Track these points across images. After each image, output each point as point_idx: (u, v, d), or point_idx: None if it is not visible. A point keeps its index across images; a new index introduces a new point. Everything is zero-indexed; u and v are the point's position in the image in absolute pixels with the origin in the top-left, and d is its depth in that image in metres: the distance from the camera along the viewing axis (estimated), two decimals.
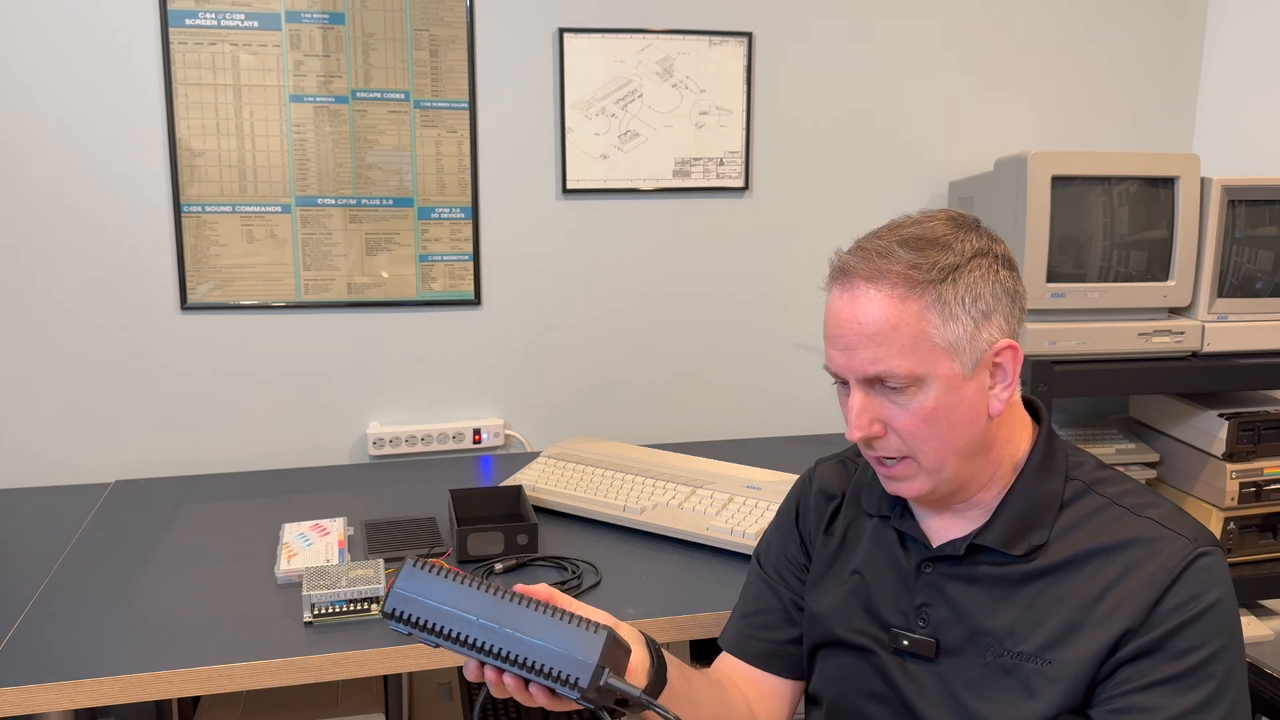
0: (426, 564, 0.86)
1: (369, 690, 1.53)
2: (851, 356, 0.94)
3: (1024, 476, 0.99)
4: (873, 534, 1.08)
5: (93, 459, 1.93)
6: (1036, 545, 0.97)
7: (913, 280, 0.92)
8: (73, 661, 1.22)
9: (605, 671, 0.81)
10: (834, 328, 0.97)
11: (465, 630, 0.83)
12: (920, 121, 2.19)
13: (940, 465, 0.96)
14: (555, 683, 0.81)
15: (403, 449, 2.03)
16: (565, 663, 0.81)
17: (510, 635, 0.82)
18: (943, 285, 0.92)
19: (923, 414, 0.93)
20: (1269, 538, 1.92)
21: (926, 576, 1.02)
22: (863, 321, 0.93)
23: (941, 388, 0.93)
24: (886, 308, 0.93)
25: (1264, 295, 1.86)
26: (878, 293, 0.93)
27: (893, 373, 0.93)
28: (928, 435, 0.94)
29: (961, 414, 0.94)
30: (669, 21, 2.03)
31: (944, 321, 0.92)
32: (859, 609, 1.06)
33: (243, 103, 1.88)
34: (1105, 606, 0.92)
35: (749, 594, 1.18)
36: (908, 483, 0.98)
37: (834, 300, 0.97)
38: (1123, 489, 0.99)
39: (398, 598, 0.84)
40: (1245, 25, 2.20)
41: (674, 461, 1.81)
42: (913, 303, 0.92)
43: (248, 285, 1.94)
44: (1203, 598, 0.90)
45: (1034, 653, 0.94)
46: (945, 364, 0.93)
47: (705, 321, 2.17)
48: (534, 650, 0.82)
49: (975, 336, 0.93)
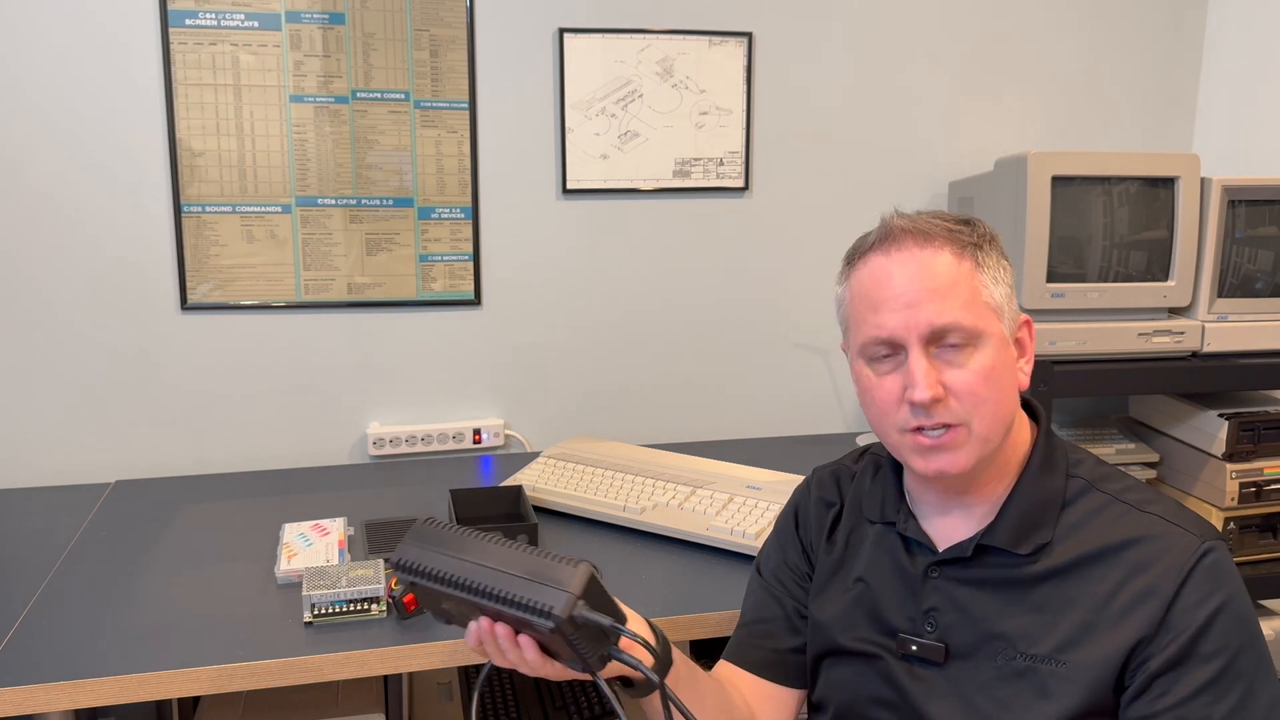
0: (434, 521, 0.89)
1: (369, 690, 1.53)
2: (915, 312, 0.93)
3: (1027, 475, 0.99)
4: (876, 540, 1.07)
5: (93, 459, 1.93)
6: (1042, 544, 0.96)
7: (961, 242, 0.95)
8: (73, 661, 1.22)
9: (580, 602, 0.81)
10: (889, 288, 0.95)
11: (456, 572, 0.85)
12: (920, 121, 2.19)
13: (990, 433, 0.95)
14: (532, 614, 0.81)
15: (403, 449, 2.03)
16: (542, 593, 0.82)
17: (493, 572, 0.84)
18: (980, 251, 0.96)
19: (983, 372, 0.93)
20: (1269, 538, 1.92)
21: (934, 581, 1.01)
22: (926, 277, 0.93)
23: (995, 347, 0.94)
24: (944, 262, 0.94)
25: (1264, 295, 1.86)
26: (933, 249, 0.95)
27: (959, 324, 0.93)
28: (987, 396, 0.93)
29: (1009, 380, 0.96)
30: (669, 21, 2.03)
31: (992, 282, 0.96)
32: (864, 616, 1.05)
33: (243, 103, 1.88)
34: (1118, 606, 0.92)
35: (750, 603, 1.18)
36: (954, 453, 0.95)
37: (882, 264, 0.96)
38: (1124, 485, 1.00)
39: (405, 548, 0.88)
40: (1245, 25, 2.20)
41: (674, 461, 1.81)
42: (966, 261, 0.95)
43: (248, 285, 1.94)
44: (1215, 596, 0.90)
45: (1048, 654, 0.94)
46: (995, 324, 0.95)
47: (705, 321, 2.17)
48: (511, 584, 0.83)
49: (1011, 302, 0.98)
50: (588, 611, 0.82)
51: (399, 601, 1.32)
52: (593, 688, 1.74)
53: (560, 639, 0.83)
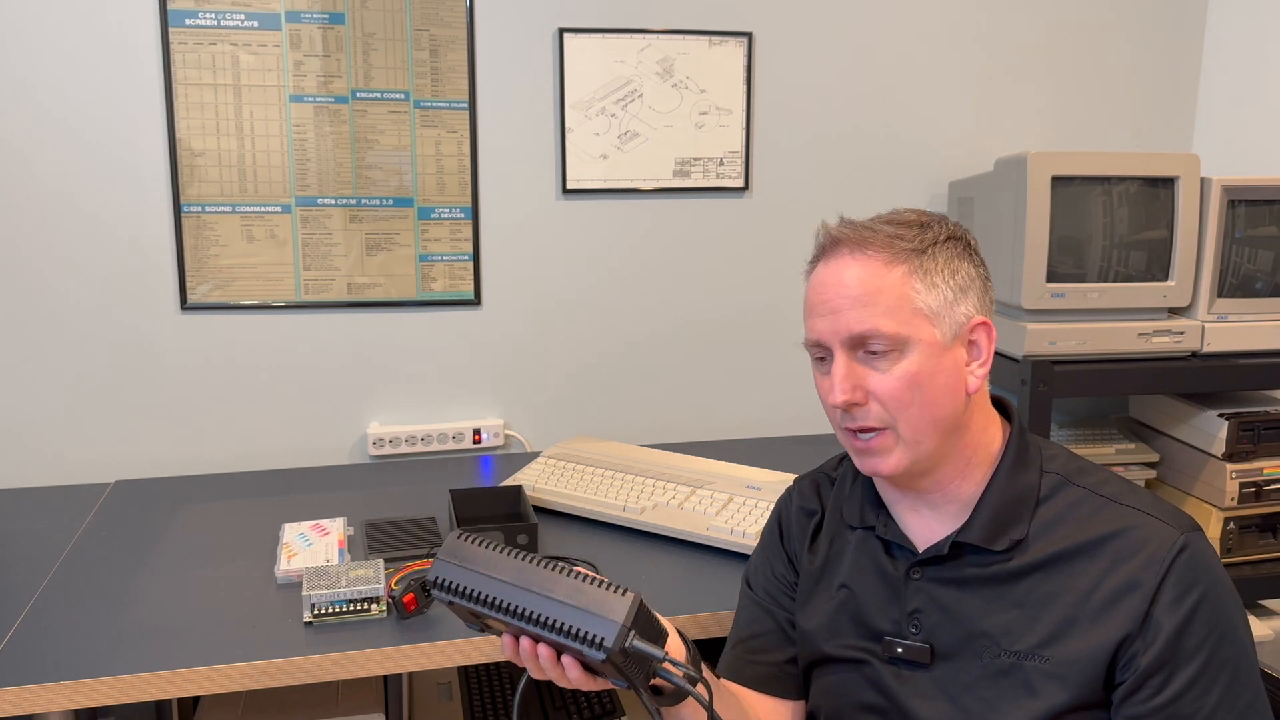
0: (466, 535, 0.88)
1: (369, 690, 1.53)
2: (837, 319, 0.96)
3: (1000, 471, 1.00)
4: (857, 546, 1.08)
5: (93, 459, 1.93)
6: (1017, 540, 0.97)
7: (896, 248, 0.96)
8: (73, 661, 1.22)
9: (631, 633, 0.81)
10: (818, 295, 0.98)
11: (497, 594, 0.84)
12: (920, 121, 2.19)
13: (918, 436, 0.96)
14: (581, 644, 0.81)
15: (403, 449, 2.03)
16: (591, 622, 0.81)
17: (538, 597, 0.83)
18: (923, 256, 0.97)
19: (905, 379, 0.95)
20: (1269, 538, 1.92)
21: (916, 583, 1.02)
22: (849, 284, 0.96)
23: (923, 353, 0.95)
24: (872, 271, 0.96)
25: (1264, 295, 1.86)
26: (864, 257, 0.96)
27: (879, 331, 0.94)
28: (910, 401, 0.95)
29: (941, 384, 0.96)
30: (669, 21, 2.03)
31: (925, 288, 0.96)
32: (848, 622, 1.06)
33: (243, 103, 1.88)
34: (1098, 600, 0.93)
35: (742, 619, 1.17)
36: (884, 457, 0.98)
37: (819, 272, 1.00)
38: (1099, 478, 1.00)
39: (441, 565, 0.86)
40: (1245, 25, 2.20)
41: (674, 461, 1.81)
42: (897, 267, 0.96)
43: (248, 285, 1.94)
44: (1195, 589, 0.91)
45: (1031, 650, 0.95)
46: (927, 329, 0.95)
47: (705, 321, 2.17)
48: (561, 611, 0.82)
49: (954, 307, 0.97)
50: (639, 642, 0.81)
51: (399, 601, 1.32)
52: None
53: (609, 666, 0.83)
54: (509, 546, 0.87)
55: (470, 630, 1.30)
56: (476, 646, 1.29)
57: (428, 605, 1.35)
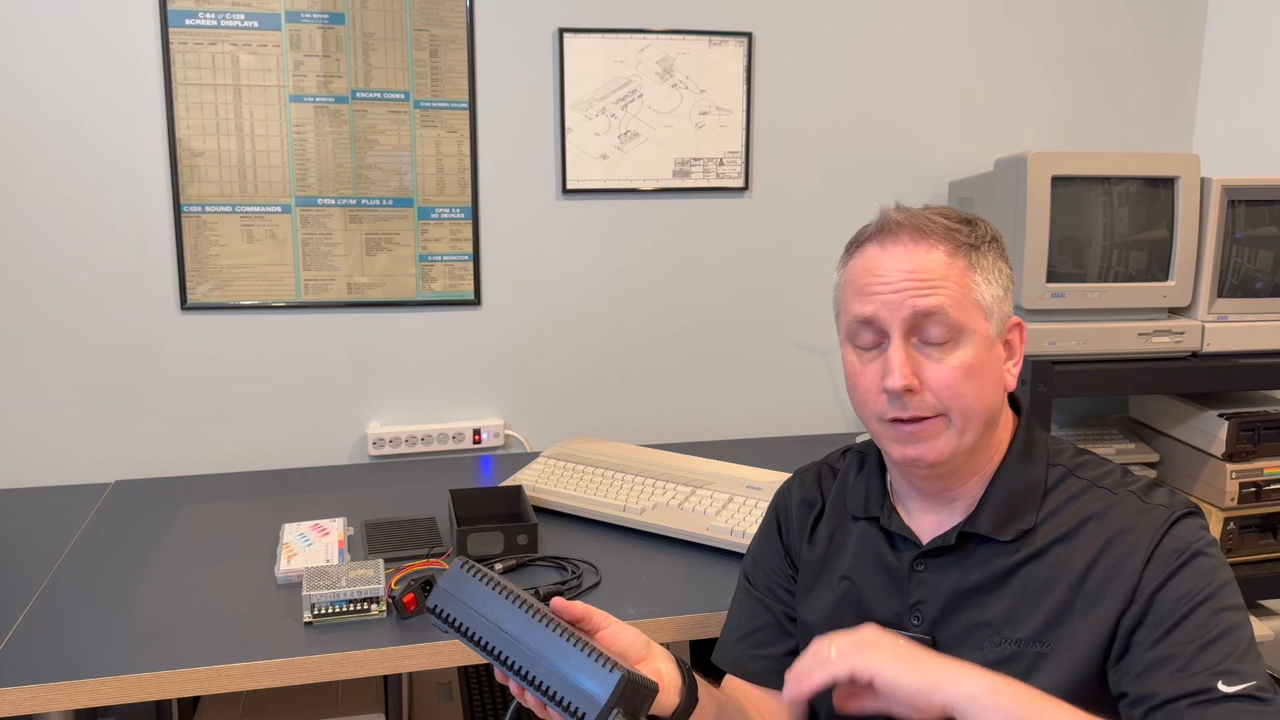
0: (473, 567, 0.88)
1: (369, 690, 1.53)
2: (902, 297, 0.95)
3: (1007, 464, 1.01)
4: (860, 537, 1.08)
5: (93, 459, 1.93)
6: (1024, 530, 0.98)
7: (956, 240, 0.97)
8: (73, 661, 1.22)
9: (615, 713, 0.81)
10: (875, 276, 0.97)
11: (492, 640, 0.85)
12: (920, 121, 2.19)
13: (967, 425, 0.96)
14: (565, 712, 0.82)
15: (403, 449, 2.03)
16: (576, 695, 0.82)
17: (531, 655, 0.84)
18: (976, 252, 0.97)
19: (962, 368, 0.95)
20: (1269, 538, 1.91)
21: (919, 575, 1.02)
22: (914, 266, 0.95)
23: (977, 345, 0.96)
24: (936, 258, 0.96)
25: (1264, 295, 1.86)
26: (928, 245, 0.96)
27: (944, 311, 0.94)
28: (964, 392, 0.95)
29: (990, 377, 0.97)
30: (669, 21, 2.03)
31: (984, 282, 0.97)
32: (850, 614, 1.06)
33: (243, 103, 1.88)
34: (1094, 581, 0.94)
35: (743, 613, 1.17)
36: (932, 442, 0.96)
37: (876, 253, 0.98)
38: (1102, 471, 1.01)
39: (441, 594, 0.87)
40: (1245, 25, 2.20)
41: (674, 461, 1.81)
42: (958, 259, 0.96)
43: (248, 285, 1.94)
44: (1186, 549, 0.92)
45: (1031, 637, 0.95)
46: (982, 322, 0.96)
47: (705, 321, 2.17)
48: (550, 676, 0.83)
49: (1002, 304, 0.99)
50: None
51: (399, 601, 1.32)
52: None
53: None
54: (512, 589, 0.87)
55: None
56: None
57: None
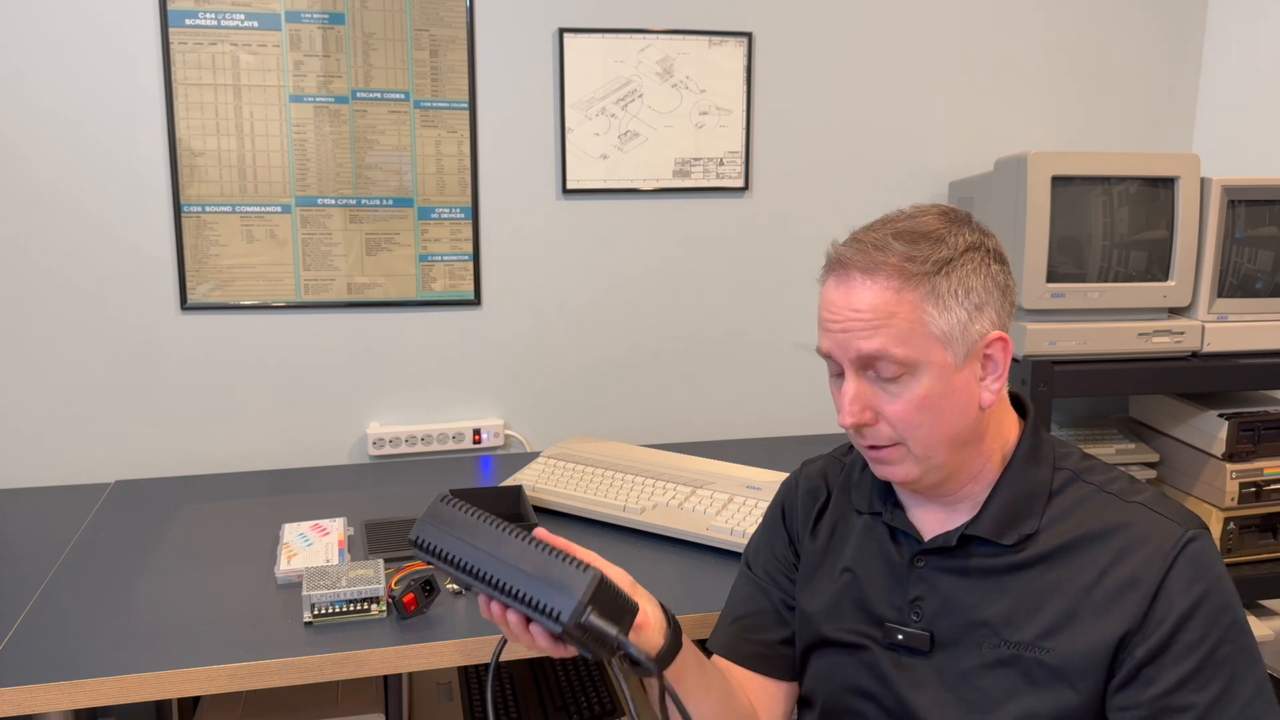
0: (453, 501, 0.91)
1: (369, 690, 1.53)
2: (847, 341, 0.96)
3: (1012, 467, 1.01)
4: (863, 530, 1.08)
5: (93, 459, 1.93)
6: (1027, 534, 0.98)
7: (908, 272, 0.94)
8: (73, 661, 1.22)
9: (588, 609, 0.84)
10: (829, 315, 0.98)
11: (470, 559, 0.88)
12: (920, 121, 2.19)
13: (929, 453, 0.97)
14: (540, 614, 0.84)
15: (403, 449, 2.03)
16: (550, 595, 0.84)
17: (505, 565, 0.87)
18: (937, 277, 0.95)
19: (914, 402, 0.95)
20: (1269, 538, 1.92)
21: (919, 570, 1.02)
22: (859, 309, 0.95)
23: (934, 376, 0.95)
24: (883, 298, 0.94)
25: (1264, 295, 1.86)
26: (874, 284, 0.95)
27: (888, 354, 0.94)
28: (919, 423, 0.96)
29: (952, 403, 0.96)
30: (669, 21, 2.03)
31: (939, 312, 0.94)
32: (851, 606, 1.06)
33: (243, 103, 1.88)
34: (1101, 593, 0.93)
35: (738, 596, 1.18)
36: (896, 467, 0.99)
37: (830, 290, 0.99)
38: (1109, 476, 1.01)
39: (422, 526, 0.91)
40: (1245, 25, 2.20)
41: (674, 461, 1.81)
42: (908, 294, 0.94)
43: (248, 285, 1.94)
44: (1197, 585, 0.91)
45: (1031, 641, 0.95)
46: (938, 353, 0.95)
47: (705, 321, 2.17)
48: (526, 583, 0.86)
49: (968, 327, 0.95)
50: (595, 619, 0.84)
51: (399, 601, 1.32)
52: (593, 688, 1.74)
53: (568, 638, 0.86)
54: (491, 515, 0.90)
55: (469, 634, 1.30)
56: (476, 646, 1.29)
57: (428, 605, 1.35)
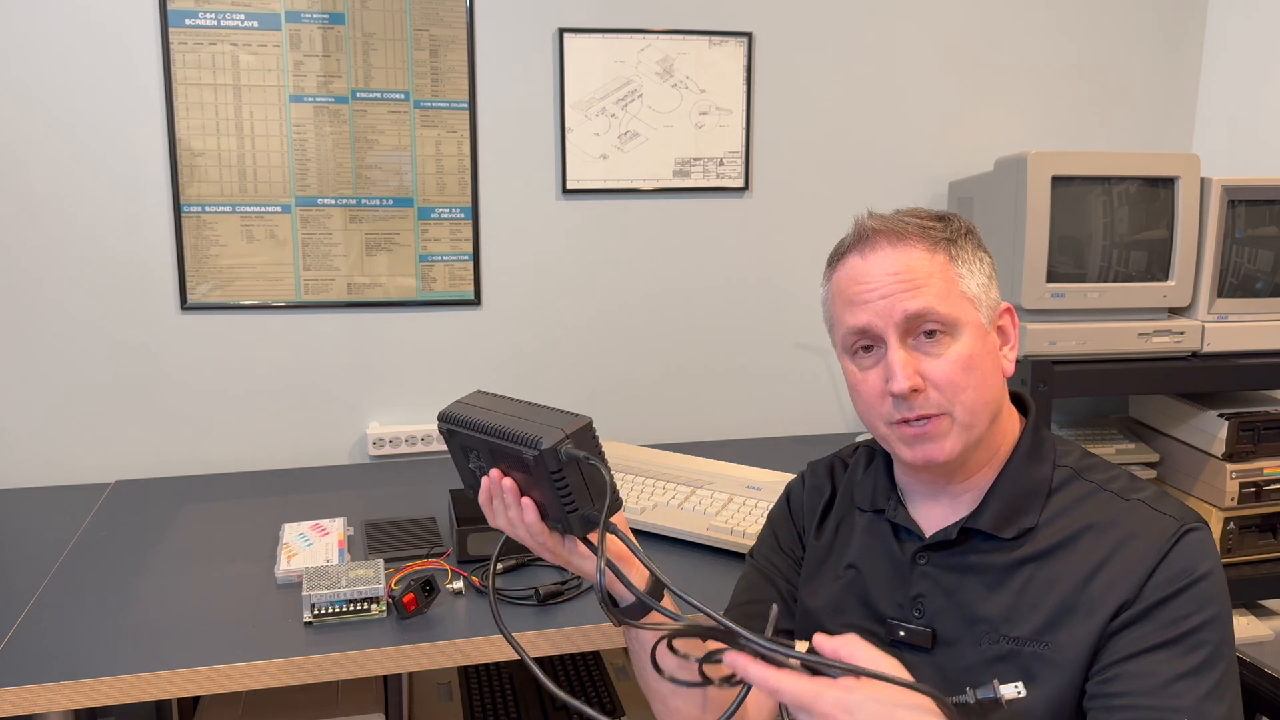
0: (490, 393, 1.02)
1: (369, 690, 1.53)
2: (891, 303, 0.96)
3: (1013, 462, 1.02)
4: (866, 528, 1.09)
5: (93, 459, 1.93)
6: (1026, 529, 0.98)
7: (932, 237, 0.99)
8: (73, 661, 1.22)
9: (567, 439, 0.89)
10: (864, 286, 0.98)
11: (474, 416, 0.96)
12: (920, 121, 2.19)
13: (973, 419, 0.97)
14: (522, 445, 0.90)
15: (403, 449, 2.03)
16: (536, 429, 0.90)
17: (506, 416, 0.94)
18: (954, 245, 0.99)
19: (960, 361, 0.96)
20: (1269, 538, 1.92)
21: (921, 567, 1.03)
22: (897, 272, 0.97)
23: (972, 335, 0.97)
24: (918, 259, 0.97)
25: (1264, 295, 1.86)
26: (907, 247, 0.98)
27: (934, 310, 0.95)
28: (966, 384, 0.96)
29: (989, 366, 0.98)
30: (669, 21, 2.03)
31: (967, 273, 0.99)
32: (854, 603, 1.07)
33: (243, 103, 1.88)
34: (1097, 586, 0.94)
35: (743, 585, 1.18)
36: (939, 442, 0.97)
37: (857, 264, 1.00)
38: (1109, 475, 1.01)
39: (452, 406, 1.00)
40: (1245, 25, 2.20)
41: (674, 461, 1.81)
42: (938, 255, 0.98)
43: (248, 285, 1.94)
44: (1193, 570, 0.91)
45: (1030, 637, 0.95)
46: (972, 312, 0.98)
47: (705, 322, 2.17)
48: (517, 423, 0.92)
49: (989, 291, 1.00)
50: (572, 448, 0.89)
51: (399, 601, 1.32)
52: (593, 688, 1.74)
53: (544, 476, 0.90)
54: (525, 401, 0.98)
55: (470, 634, 1.30)
56: (476, 646, 1.29)
57: (428, 605, 1.35)
